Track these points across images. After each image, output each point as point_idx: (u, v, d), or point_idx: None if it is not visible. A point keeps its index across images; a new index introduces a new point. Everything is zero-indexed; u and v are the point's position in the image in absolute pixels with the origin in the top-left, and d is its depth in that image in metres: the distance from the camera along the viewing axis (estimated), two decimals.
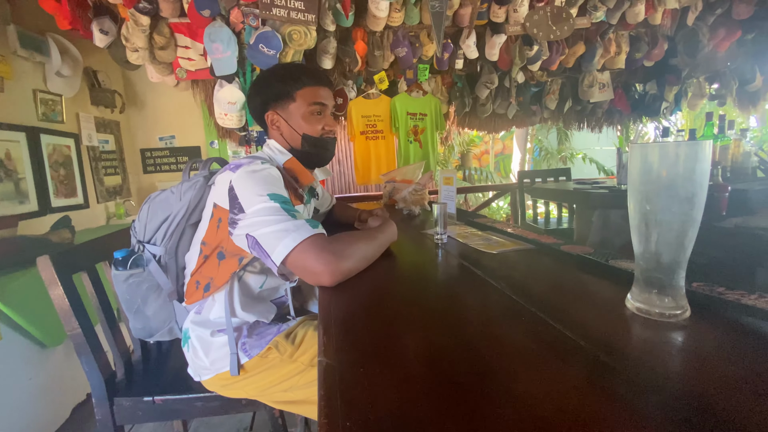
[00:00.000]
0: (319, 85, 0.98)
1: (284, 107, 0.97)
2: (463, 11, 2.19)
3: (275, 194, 0.77)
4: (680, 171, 0.49)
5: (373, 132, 2.96)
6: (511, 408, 0.36)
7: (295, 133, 0.97)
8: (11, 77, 2.01)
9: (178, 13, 2.00)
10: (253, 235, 0.74)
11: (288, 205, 0.77)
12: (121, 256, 0.90)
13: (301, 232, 0.71)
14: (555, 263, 0.85)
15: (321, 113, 0.98)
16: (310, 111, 0.96)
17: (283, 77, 0.97)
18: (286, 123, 0.97)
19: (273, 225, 0.72)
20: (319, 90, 0.98)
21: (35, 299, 1.46)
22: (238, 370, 0.84)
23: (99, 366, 0.88)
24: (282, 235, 0.71)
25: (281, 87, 0.96)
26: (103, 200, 2.71)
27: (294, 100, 0.96)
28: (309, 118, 0.97)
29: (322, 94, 0.98)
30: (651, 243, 0.53)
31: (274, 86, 0.97)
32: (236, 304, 0.88)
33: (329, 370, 0.43)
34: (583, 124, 3.53)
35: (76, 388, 1.72)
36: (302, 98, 0.96)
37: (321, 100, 0.98)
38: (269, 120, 0.99)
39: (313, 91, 0.97)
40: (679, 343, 0.48)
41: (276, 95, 0.97)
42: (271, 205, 0.75)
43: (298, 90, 0.96)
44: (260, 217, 0.74)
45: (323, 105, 0.98)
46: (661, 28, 2.61)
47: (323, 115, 0.99)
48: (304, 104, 0.96)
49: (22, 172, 2.05)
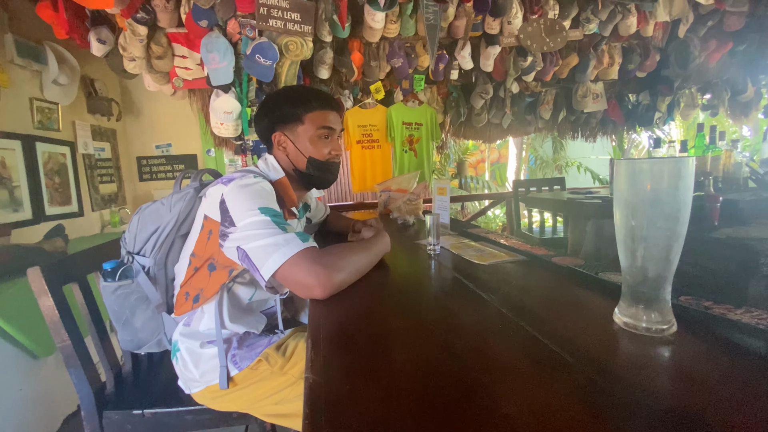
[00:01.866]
0: (329, 110, 0.99)
1: (292, 129, 0.97)
2: (458, 23, 2.21)
3: (266, 208, 0.77)
4: (664, 187, 0.50)
5: (369, 141, 2.98)
6: (497, 427, 0.36)
7: (301, 155, 0.98)
8: (7, 85, 2.01)
9: (176, 24, 2.02)
10: (243, 248, 0.74)
11: (279, 218, 0.77)
12: (110, 267, 0.89)
13: (291, 247, 0.72)
14: (546, 275, 0.86)
15: (329, 137, 0.99)
16: (318, 135, 0.97)
17: (293, 99, 0.98)
18: (293, 145, 0.97)
19: (263, 239, 0.73)
20: (328, 114, 0.99)
21: (27, 309, 1.45)
22: (228, 383, 0.83)
23: (88, 378, 0.87)
24: (272, 249, 0.71)
25: (290, 109, 0.97)
26: (98, 208, 2.70)
27: (302, 123, 0.97)
28: (316, 141, 0.97)
29: (331, 118, 0.99)
30: (637, 258, 0.53)
31: (283, 107, 0.98)
32: (225, 316, 0.88)
33: (315, 386, 0.43)
34: (577, 133, 3.56)
35: (67, 399, 1.70)
36: (311, 121, 0.97)
37: (329, 124, 0.98)
38: (276, 140, 0.99)
39: (322, 115, 0.97)
40: (666, 359, 0.48)
41: (284, 117, 0.97)
42: (261, 218, 0.75)
43: (307, 113, 0.96)
44: (251, 231, 0.74)
45: (331, 129, 0.99)
46: (653, 40, 2.66)
47: (330, 139, 1.00)
48: (312, 127, 0.97)
49: (16, 180, 2.04)
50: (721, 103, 3.17)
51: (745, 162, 1.94)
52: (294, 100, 0.97)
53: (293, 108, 0.97)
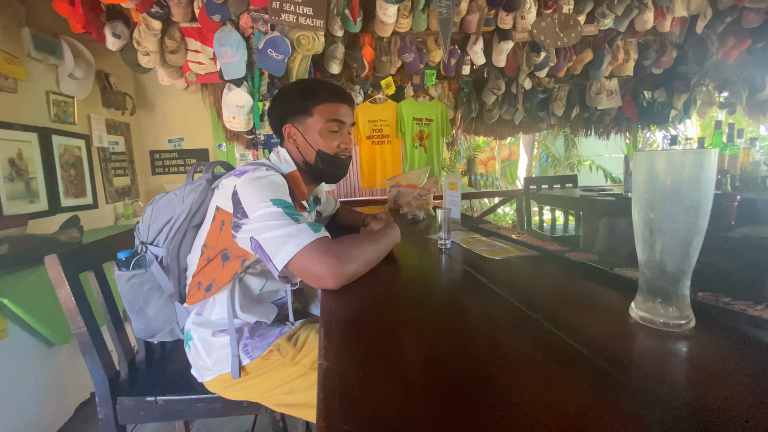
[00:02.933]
0: (339, 102, 0.98)
1: (302, 121, 0.97)
2: (471, 17, 2.19)
3: (278, 199, 0.78)
4: (685, 179, 0.49)
5: (379, 137, 2.98)
6: (511, 415, 0.35)
7: (311, 148, 0.97)
8: (25, 79, 2.05)
9: (189, 18, 2.03)
10: (256, 239, 0.74)
11: (291, 209, 0.77)
12: (124, 257, 0.91)
13: (303, 237, 0.72)
14: (559, 270, 0.85)
15: (338, 131, 0.98)
16: (327, 127, 0.96)
17: (304, 92, 0.97)
18: (303, 137, 0.97)
19: (276, 230, 0.73)
20: (339, 107, 0.98)
21: (43, 298, 1.48)
22: (240, 372, 0.84)
23: (103, 365, 0.88)
24: (284, 240, 0.72)
25: (300, 101, 0.97)
26: (112, 201, 2.74)
27: (311, 115, 0.96)
28: (325, 134, 0.97)
29: (341, 111, 0.98)
30: (655, 252, 0.52)
31: (293, 100, 0.98)
32: (237, 305, 0.88)
33: (329, 373, 0.43)
34: (590, 130, 3.52)
35: (80, 387, 1.74)
36: (320, 114, 0.96)
37: (339, 117, 0.98)
38: (286, 132, 0.99)
39: (331, 108, 0.97)
40: (684, 353, 0.47)
41: (295, 109, 0.97)
42: (274, 210, 0.76)
43: (316, 105, 0.96)
44: (263, 222, 0.74)
45: (341, 122, 0.98)
46: (670, 36, 2.60)
47: (340, 132, 0.99)
48: (321, 120, 0.96)
49: (33, 172, 2.08)
50: (738, 102, 3.09)
51: (764, 161, 1.90)
52: (305, 93, 0.97)
53: (303, 100, 0.97)
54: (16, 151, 1.98)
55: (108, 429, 0.89)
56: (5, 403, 1.37)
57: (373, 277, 0.81)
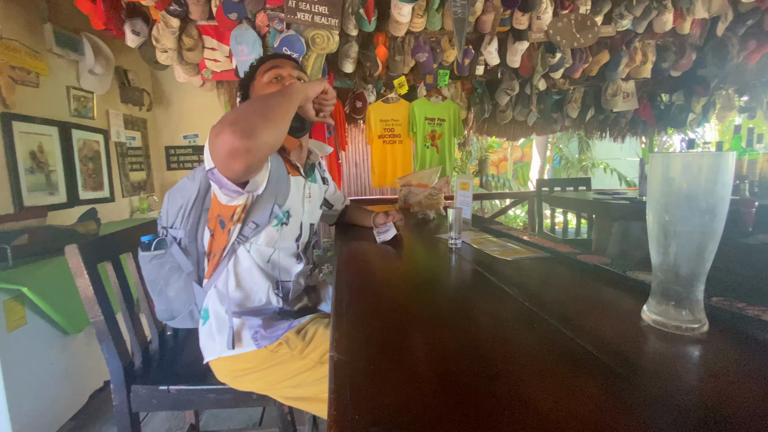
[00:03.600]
0: (272, 59, 1.06)
1: (252, 89, 1.06)
2: (486, 17, 2.19)
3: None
4: (702, 182, 0.49)
5: (390, 136, 2.98)
6: (520, 412, 0.36)
7: None
8: (47, 74, 2.11)
9: (207, 16, 2.06)
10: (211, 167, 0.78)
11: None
12: (147, 240, 0.96)
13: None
14: (571, 272, 0.84)
15: (278, 78, 1.03)
16: (267, 81, 1.02)
17: (248, 70, 1.09)
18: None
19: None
20: (270, 63, 1.04)
21: (60, 287, 1.52)
22: (233, 344, 0.87)
23: (118, 353, 0.91)
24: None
25: (245, 79, 1.08)
26: (128, 195, 2.80)
27: (255, 79, 1.05)
28: (269, 85, 1.02)
29: (277, 63, 1.04)
30: (669, 254, 0.52)
31: (244, 79, 1.09)
32: (242, 274, 0.94)
33: (340, 365, 0.43)
34: (605, 133, 3.47)
35: (94, 375, 1.78)
36: (260, 75, 1.04)
37: (273, 68, 1.03)
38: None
39: (267, 65, 1.04)
40: (696, 357, 0.47)
41: (245, 85, 1.08)
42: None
43: (257, 70, 1.05)
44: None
45: (278, 70, 1.03)
46: (690, 38, 2.55)
47: (281, 81, 1.03)
48: (262, 79, 1.03)
49: (53, 165, 2.14)
50: (759, 106, 3.02)
51: None
52: (248, 70, 1.09)
53: (249, 74, 1.07)
54: (37, 144, 2.04)
55: (122, 415, 0.91)
56: (24, 388, 1.42)
57: (383, 274, 0.82)
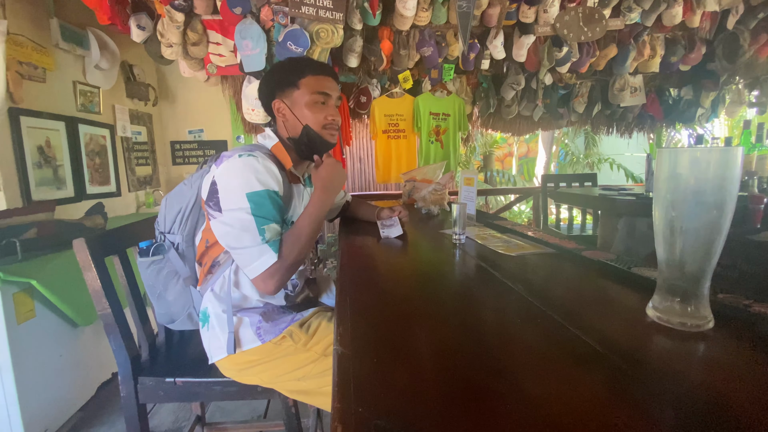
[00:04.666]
0: (323, 75, 0.99)
1: (289, 95, 0.98)
2: (492, 11, 2.16)
3: (253, 193, 0.83)
4: (709, 177, 0.48)
5: (395, 131, 2.97)
6: (523, 406, 0.36)
7: (298, 122, 0.98)
8: (53, 68, 2.11)
9: (211, 11, 2.06)
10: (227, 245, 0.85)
11: (261, 208, 0.83)
12: (145, 246, 0.97)
13: (264, 261, 0.83)
14: (575, 268, 0.84)
15: (325, 103, 0.99)
16: (313, 99, 0.97)
17: (289, 67, 1.00)
18: (291, 111, 0.98)
19: (242, 249, 0.83)
20: (324, 80, 0.99)
21: (69, 280, 1.54)
22: (235, 348, 0.88)
23: (126, 345, 0.92)
24: (248, 260, 0.83)
25: (286, 76, 0.98)
26: (134, 189, 2.82)
27: (298, 88, 0.97)
28: (312, 106, 0.97)
29: (327, 84, 0.99)
30: (675, 250, 0.52)
31: (281, 75, 1.00)
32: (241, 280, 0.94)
33: (344, 358, 0.44)
34: (612, 128, 3.43)
35: (102, 367, 1.80)
36: (306, 86, 0.97)
37: (325, 89, 0.98)
38: (275, 108, 1.00)
39: (317, 80, 0.98)
40: (701, 353, 0.47)
41: (281, 83, 0.99)
42: (243, 216, 0.82)
43: (302, 78, 0.97)
44: (233, 228, 0.83)
45: (327, 95, 0.99)
46: (699, 32, 2.51)
47: (327, 105, 1.00)
48: (307, 92, 0.97)
49: (60, 160, 2.15)
50: None
51: None
52: (289, 68, 0.99)
53: (288, 74, 0.98)
54: (44, 138, 2.05)
55: (129, 406, 0.93)
56: (33, 379, 1.44)
57: (386, 268, 0.82)
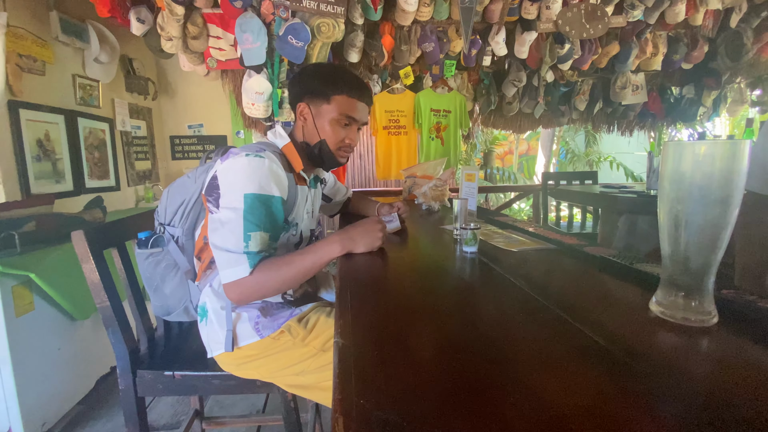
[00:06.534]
0: (358, 99, 0.97)
1: (317, 105, 0.96)
2: (494, 7, 2.15)
3: (251, 195, 0.81)
4: (715, 171, 0.48)
5: (395, 127, 2.96)
6: (525, 397, 0.35)
7: (317, 133, 0.97)
8: (52, 61, 2.10)
9: (212, 4, 2.04)
10: (211, 240, 0.82)
11: (254, 213, 0.80)
12: (144, 237, 0.96)
13: (238, 270, 0.79)
14: (577, 264, 0.83)
15: (348, 125, 0.97)
16: (339, 119, 0.95)
17: (328, 77, 0.96)
18: (313, 120, 0.97)
19: (223, 250, 0.80)
20: (357, 104, 0.97)
21: (67, 273, 1.53)
22: (233, 346, 0.87)
23: (124, 338, 0.92)
24: (226, 264, 0.80)
25: (322, 86, 0.95)
26: (134, 184, 2.81)
27: (328, 103, 0.95)
28: (335, 125, 0.96)
29: (358, 108, 0.97)
30: (680, 245, 0.51)
31: (315, 81, 0.96)
32: None
33: (345, 350, 0.43)
34: (613, 127, 3.42)
35: (100, 361, 1.80)
36: (337, 104, 0.95)
37: (354, 114, 0.96)
38: (299, 110, 0.98)
39: (350, 103, 0.95)
40: (705, 348, 0.46)
41: (314, 90, 0.96)
42: (234, 216, 0.80)
43: (336, 95, 0.94)
44: (222, 226, 0.81)
45: (353, 120, 0.97)
46: (702, 30, 2.50)
47: (350, 127, 0.98)
48: (336, 110, 0.95)
49: (59, 153, 2.14)
50: None
51: None
52: (328, 78, 0.96)
53: (325, 86, 0.95)
54: (43, 132, 2.04)
55: (128, 400, 0.93)
56: (32, 373, 1.44)
57: (388, 265, 0.81)
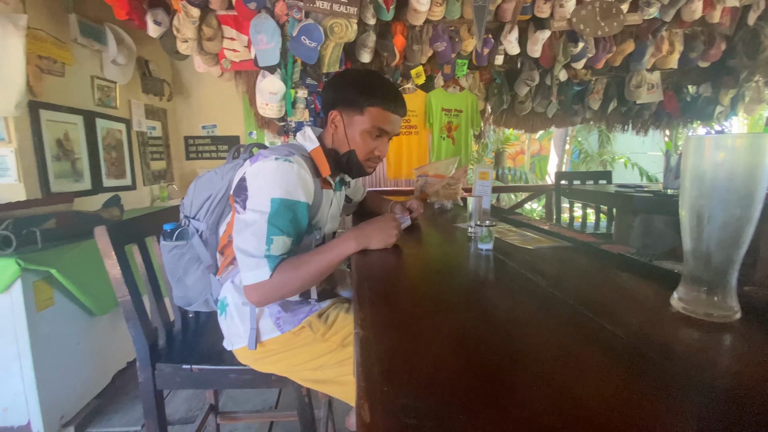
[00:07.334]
0: (392, 112, 0.96)
1: (350, 115, 0.94)
2: (507, 6, 2.14)
3: (278, 199, 0.80)
4: (738, 166, 0.47)
5: (406, 127, 2.96)
6: (549, 390, 0.35)
7: (347, 142, 0.96)
8: (71, 63, 2.15)
9: (226, 6, 2.07)
10: (235, 242, 0.82)
11: (279, 217, 0.80)
12: (169, 229, 0.98)
13: (259, 272, 0.78)
14: (594, 261, 0.83)
15: (380, 137, 0.97)
16: (371, 132, 0.94)
17: (363, 88, 0.94)
18: (344, 129, 0.96)
19: (245, 253, 0.79)
20: (390, 116, 0.95)
21: (87, 270, 1.57)
22: (256, 344, 0.88)
23: (144, 332, 0.94)
24: (245, 266, 0.80)
25: (356, 96, 0.93)
26: (149, 183, 2.86)
27: (362, 114, 0.93)
28: (366, 137, 0.94)
29: (391, 120, 0.96)
30: (703, 240, 0.51)
31: (349, 90, 0.95)
32: None
33: (366, 341, 0.44)
34: (627, 126, 3.38)
35: (117, 356, 1.83)
36: (370, 116, 0.93)
37: (386, 127, 0.95)
38: (331, 117, 0.96)
39: (383, 115, 0.94)
40: (728, 344, 0.46)
41: (348, 100, 0.94)
42: (259, 219, 0.79)
43: (370, 106, 0.93)
44: (246, 227, 0.80)
45: (385, 132, 0.97)
46: (720, 27, 2.45)
47: (381, 139, 0.97)
48: (368, 122, 0.93)
49: (78, 153, 2.20)
50: None
51: None
52: (363, 88, 0.94)
53: (358, 96, 0.93)
54: (63, 132, 2.09)
55: (147, 392, 0.95)
56: (51, 366, 1.47)
57: (404, 261, 0.82)
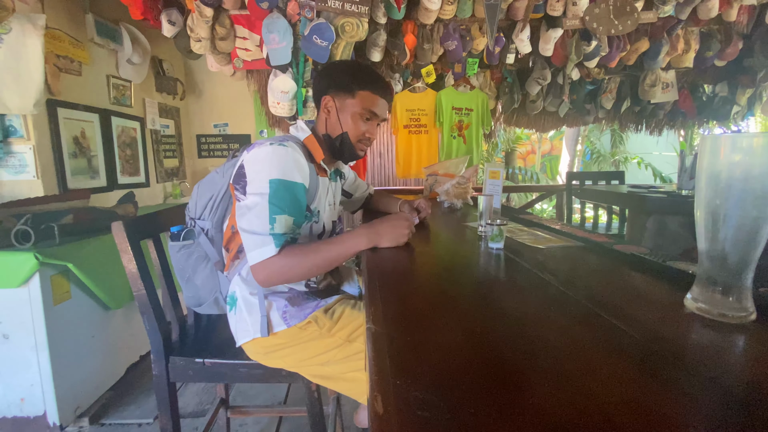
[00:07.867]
0: (381, 96, 1.03)
1: (342, 99, 1.02)
2: (519, 4, 2.12)
3: (276, 180, 0.85)
4: (757, 164, 0.47)
5: (416, 126, 2.96)
6: (562, 388, 0.35)
7: (339, 126, 1.03)
8: (88, 62, 2.20)
9: (239, 6, 2.10)
10: (239, 225, 0.86)
11: (278, 197, 0.84)
12: (176, 230, 1.01)
13: (264, 251, 0.82)
14: (607, 261, 0.82)
15: (369, 119, 1.03)
16: (361, 113, 1.01)
17: (354, 73, 1.02)
18: (336, 113, 1.03)
19: (250, 232, 0.83)
20: (378, 100, 1.03)
21: (102, 264, 1.61)
22: (268, 332, 0.90)
23: (159, 326, 0.96)
24: (251, 245, 0.83)
25: (347, 81, 1.01)
26: (162, 180, 2.90)
27: (353, 97, 1.01)
28: (357, 119, 1.02)
29: (380, 104, 1.03)
30: (718, 241, 0.50)
31: (342, 76, 1.02)
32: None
33: (378, 335, 0.44)
34: (641, 126, 3.33)
35: (131, 349, 1.87)
36: (360, 99, 1.01)
37: (375, 109, 1.02)
38: (323, 103, 1.04)
39: (373, 98, 1.02)
40: (743, 345, 0.45)
41: (339, 84, 1.02)
42: (260, 201, 0.84)
43: (360, 90, 1.00)
44: (249, 211, 0.84)
45: (375, 114, 1.03)
46: (737, 26, 2.40)
47: (371, 122, 1.04)
48: (359, 105, 1.01)
49: (94, 150, 2.24)
50: None
51: None
52: (354, 74, 1.02)
53: (350, 80, 1.01)
54: (79, 130, 2.14)
55: (161, 384, 0.97)
56: (67, 358, 1.51)
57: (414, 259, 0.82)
